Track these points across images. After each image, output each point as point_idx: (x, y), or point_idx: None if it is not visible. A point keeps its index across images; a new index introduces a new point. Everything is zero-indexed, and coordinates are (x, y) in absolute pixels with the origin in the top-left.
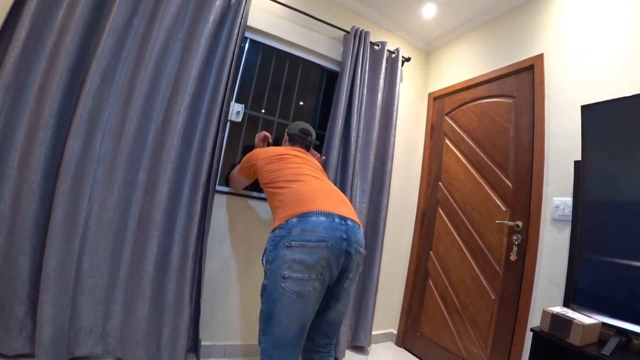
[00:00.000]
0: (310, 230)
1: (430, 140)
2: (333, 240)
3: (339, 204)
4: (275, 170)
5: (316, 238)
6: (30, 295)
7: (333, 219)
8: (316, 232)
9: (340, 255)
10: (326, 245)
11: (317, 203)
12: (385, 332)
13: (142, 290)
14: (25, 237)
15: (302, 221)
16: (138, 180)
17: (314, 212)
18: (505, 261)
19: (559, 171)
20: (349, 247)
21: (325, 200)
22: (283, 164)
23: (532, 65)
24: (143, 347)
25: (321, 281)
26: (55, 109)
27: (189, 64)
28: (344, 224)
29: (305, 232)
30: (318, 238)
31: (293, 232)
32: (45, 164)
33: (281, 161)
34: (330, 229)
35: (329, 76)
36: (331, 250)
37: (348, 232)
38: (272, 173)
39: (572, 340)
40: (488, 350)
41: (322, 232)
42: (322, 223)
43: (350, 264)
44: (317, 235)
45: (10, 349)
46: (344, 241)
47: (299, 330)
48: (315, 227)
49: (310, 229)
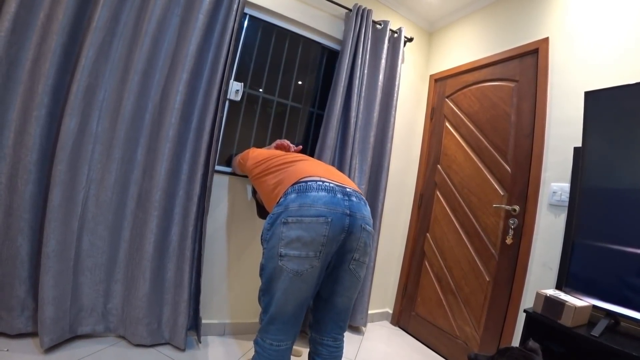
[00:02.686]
0: (309, 205)
1: (430, 122)
2: (333, 216)
3: (342, 179)
4: (267, 160)
5: (314, 213)
6: (30, 275)
7: (335, 194)
8: (315, 207)
9: (342, 233)
10: (325, 220)
11: (316, 175)
12: (381, 311)
13: (142, 269)
14: (23, 218)
15: (300, 196)
16: (136, 160)
17: (314, 186)
18: (500, 244)
19: (558, 157)
20: (353, 223)
21: (328, 173)
22: (275, 157)
23: (537, 49)
24: (144, 325)
25: (320, 259)
26: (50, 86)
27: (187, 40)
28: (347, 199)
29: (303, 207)
30: (316, 213)
31: (290, 207)
32: (40, 143)
33: (273, 158)
34: (331, 204)
35: (330, 55)
36: (331, 227)
37: (352, 208)
38: (263, 164)
39: (563, 321)
40: (481, 329)
41: (322, 207)
42: (322, 198)
43: (355, 242)
44: (316, 210)
45: (12, 328)
46: (346, 217)
47: (296, 308)
48: (315, 202)
49: (309, 204)
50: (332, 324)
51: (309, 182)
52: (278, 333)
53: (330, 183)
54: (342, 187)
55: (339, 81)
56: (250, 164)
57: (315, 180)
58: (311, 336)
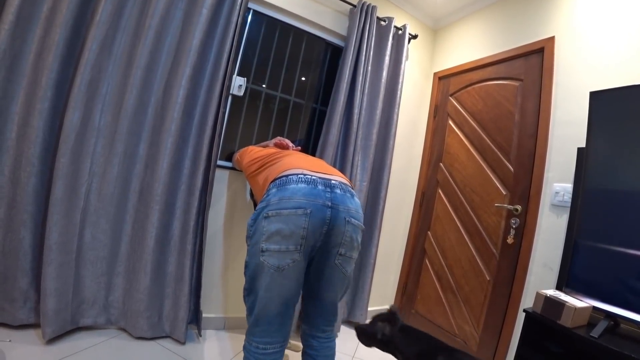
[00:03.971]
0: (288, 198)
1: (434, 120)
2: (313, 207)
3: (328, 170)
4: (261, 158)
5: (293, 205)
6: (33, 267)
7: (315, 185)
8: (294, 199)
9: (323, 225)
10: (304, 212)
11: (298, 167)
12: (381, 308)
13: (144, 263)
14: (26, 210)
15: (280, 190)
16: (138, 154)
17: (294, 179)
18: (502, 244)
19: (562, 157)
20: (335, 216)
21: (310, 165)
22: (268, 155)
23: (542, 48)
24: (145, 319)
25: (302, 253)
26: (53, 80)
27: (190, 35)
28: (329, 190)
29: (283, 200)
30: (295, 205)
31: (271, 202)
32: (44, 136)
33: (266, 156)
34: (311, 196)
35: (333, 51)
36: (311, 219)
37: (335, 200)
38: (257, 162)
39: (563, 321)
40: (480, 328)
41: (301, 198)
42: (301, 190)
43: (339, 236)
44: (295, 202)
45: (15, 319)
46: (327, 209)
47: (280, 307)
48: (294, 194)
49: (288, 197)
50: (321, 319)
51: (289, 176)
52: (263, 335)
53: (312, 175)
54: (326, 179)
55: (342, 78)
56: (246, 162)
57: (296, 174)
58: (302, 328)
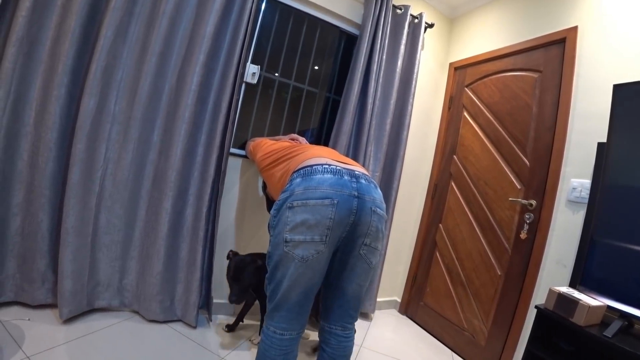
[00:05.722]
0: (314, 188)
1: (448, 111)
2: (340, 198)
3: (349, 161)
4: (276, 152)
5: (320, 195)
6: (50, 250)
7: (341, 176)
8: (320, 189)
9: (350, 215)
10: (331, 202)
11: (323, 159)
12: (389, 299)
13: (157, 248)
14: (43, 194)
15: (305, 180)
16: (152, 140)
17: (320, 169)
18: (514, 239)
19: (580, 152)
20: (362, 206)
21: (334, 156)
22: (284, 148)
23: (564, 39)
24: (157, 302)
25: (327, 244)
26: (69, 66)
27: (204, 21)
28: (354, 181)
29: (308, 189)
30: (322, 195)
31: (296, 192)
32: (60, 122)
33: (282, 149)
34: (338, 186)
35: (348, 39)
36: (337, 209)
37: (360, 190)
38: (271, 156)
39: (575, 319)
40: (489, 323)
41: (327, 188)
42: (327, 180)
43: (365, 226)
44: (321, 192)
45: (33, 299)
46: (354, 199)
47: (301, 296)
48: (320, 184)
49: (314, 187)
50: (341, 312)
51: (314, 166)
52: (282, 321)
53: (336, 166)
54: (350, 169)
55: (357, 66)
56: (260, 156)
57: (321, 164)
58: (320, 325)
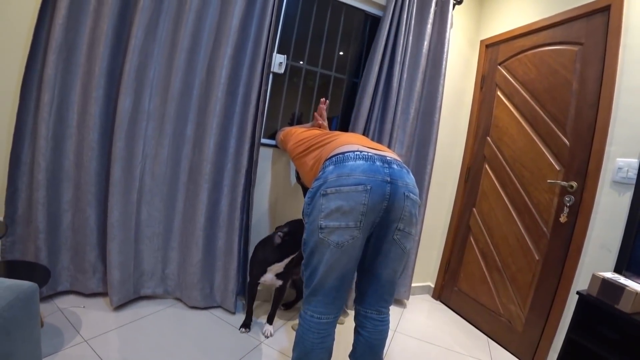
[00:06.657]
0: (347, 175)
1: (480, 92)
2: (373, 183)
3: (380, 147)
4: (307, 140)
5: (353, 182)
6: (99, 242)
7: (374, 162)
8: (353, 175)
9: (383, 201)
10: (365, 188)
11: (354, 145)
12: (423, 285)
13: (195, 238)
14: (90, 191)
15: (338, 167)
16: (186, 135)
17: (352, 156)
18: (554, 222)
19: (627, 129)
20: (395, 191)
21: (365, 142)
22: (315, 136)
23: (609, 6)
24: (198, 290)
25: (361, 230)
26: (105, 68)
27: (230, 14)
28: (387, 166)
29: (342, 176)
30: (355, 181)
31: (329, 179)
32: (100, 122)
33: (313, 137)
34: (370, 172)
35: (373, 22)
36: (371, 195)
37: (393, 175)
38: (303, 144)
39: (621, 306)
40: (526, 309)
41: (360, 175)
42: (360, 166)
43: (399, 211)
44: (354, 179)
45: (87, 288)
46: (387, 184)
47: (337, 281)
48: (353, 170)
49: (347, 173)
50: (376, 297)
51: (346, 153)
52: (319, 305)
53: (368, 152)
54: (382, 155)
55: (377, 48)
56: (291, 145)
57: (352, 151)
58: (355, 309)
